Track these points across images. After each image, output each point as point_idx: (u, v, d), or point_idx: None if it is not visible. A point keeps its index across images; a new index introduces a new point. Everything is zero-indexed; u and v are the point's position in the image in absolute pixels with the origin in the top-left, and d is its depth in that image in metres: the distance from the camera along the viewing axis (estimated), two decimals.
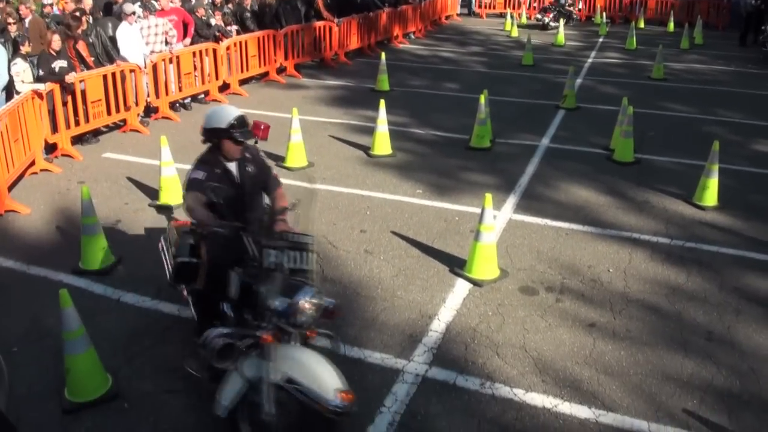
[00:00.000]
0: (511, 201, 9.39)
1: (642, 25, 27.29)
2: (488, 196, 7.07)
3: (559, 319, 6.55)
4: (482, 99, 11.33)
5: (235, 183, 5.26)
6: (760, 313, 6.87)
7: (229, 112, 5.24)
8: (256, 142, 5.43)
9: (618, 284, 7.24)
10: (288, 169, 10.28)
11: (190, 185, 5.11)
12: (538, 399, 5.43)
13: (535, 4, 30.31)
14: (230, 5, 16.56)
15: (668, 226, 8.73)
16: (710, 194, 9.36)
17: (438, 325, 6.39)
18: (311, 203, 4.78)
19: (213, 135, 5.20)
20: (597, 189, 9.81)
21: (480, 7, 31.51)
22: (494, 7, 31.30)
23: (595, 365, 5.87)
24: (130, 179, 9.86)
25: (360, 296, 6.84)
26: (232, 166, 5.29)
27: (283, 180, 9.21)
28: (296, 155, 10.40)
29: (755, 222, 8.99)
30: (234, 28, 15.48)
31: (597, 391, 5.54)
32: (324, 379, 4.26)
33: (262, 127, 5.33)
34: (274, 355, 4.30)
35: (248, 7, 16.56)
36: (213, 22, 14.85)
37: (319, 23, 18.09)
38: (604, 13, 28.01)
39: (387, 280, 7.18)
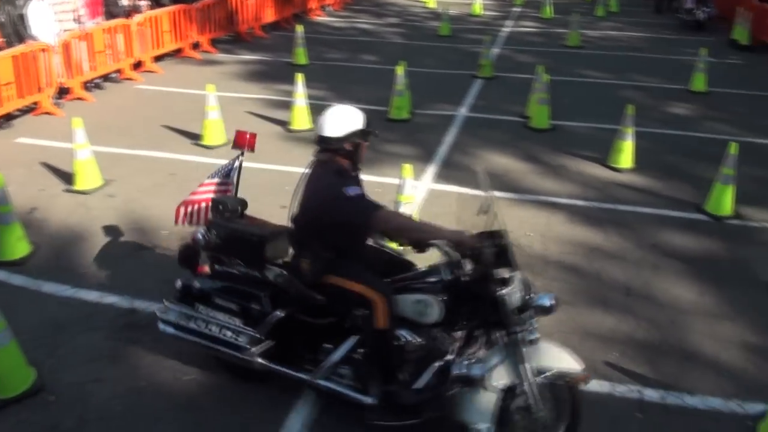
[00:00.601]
0: (431, 170, 9.47)
1: None
2: (407, 167, 7.09)
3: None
4: (399, 70, 11.36)
5: None
6: (676, 267, 7.15)
7: (351, 110, 5.09)
8: (242, 155, 5.30)
9: (537, 247, 7.40)
10: (206, 147, 10.10)
11: (369, 206, 4.56)
12: None
13: None
14: None
15: (585, 189, 8.97)
16: (625, 157, 9.63)
17: None
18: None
19: (358, 137, 4.96)
20: (514, 156, 9.98)
21: None
22: None
23: None
24: (44, 164, 9.53)
25: None
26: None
27: (202, 159, 9.34)
28: (214, 132, 10.18)
29: (670, 181, 9.32)
30: (145, 2, 15.06)
31: None
32: (563, 355, 4.27)
33: (248, 137, 5.30)
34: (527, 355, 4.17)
35: None
36: None
37: None
38: None
39: None
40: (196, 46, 16.52)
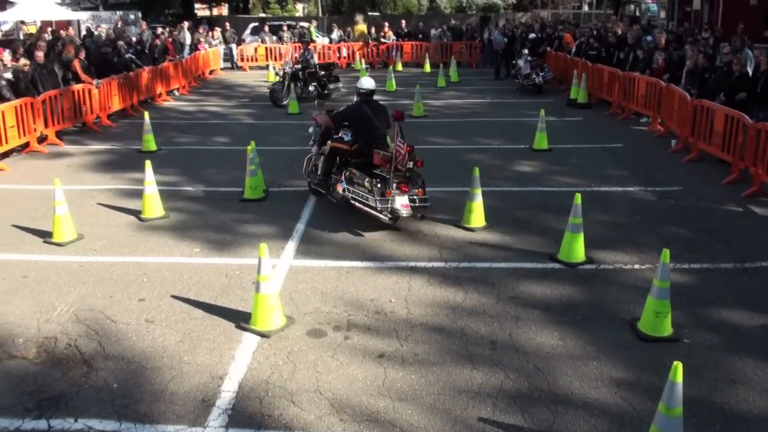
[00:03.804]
0: (291, 247, 9.35)
1: (400, 68, 28.66)
2: (262, 246, 6.95)
3: (350, 356, 6.53)
4: (250, 151, 11.30)
5: None
6: (537, 316, 7.30)
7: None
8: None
9: (401, 312, 7.37)
10: (57, 244, 9.49)
11: None
12: None
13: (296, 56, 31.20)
14: None
15: (442, 251, 9.07)
16: (476, 216, 9.86)
17: (230, 385, 6.11)
18: None
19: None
20: (371, 224, 9.97)
21: (242, 60, 32.03)
22: (256, 60, 31.97)
23: (388, 394, 5.89)
24: None
25: (146, 369, 6.39)
26: None
27: (54, 257, 8.98)
28: (64, 228, 9.60)
29: (522, 235, 9.60)
30: None
31: (394, 419, 5.56)
32: None
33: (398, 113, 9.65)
34: None
35: (3, 75, 15.37)
36: None
37: (77, 86, 17.20)
38: (363, 60, 29.18)
39: (172, 347, 6.79)
40: (42, 139, 15.85)
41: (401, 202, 9.49)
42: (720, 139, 12.77)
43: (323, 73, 22.02)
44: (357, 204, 9.91)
